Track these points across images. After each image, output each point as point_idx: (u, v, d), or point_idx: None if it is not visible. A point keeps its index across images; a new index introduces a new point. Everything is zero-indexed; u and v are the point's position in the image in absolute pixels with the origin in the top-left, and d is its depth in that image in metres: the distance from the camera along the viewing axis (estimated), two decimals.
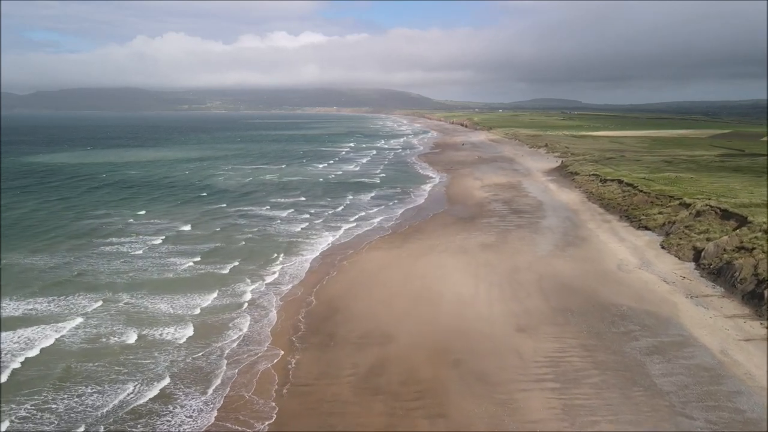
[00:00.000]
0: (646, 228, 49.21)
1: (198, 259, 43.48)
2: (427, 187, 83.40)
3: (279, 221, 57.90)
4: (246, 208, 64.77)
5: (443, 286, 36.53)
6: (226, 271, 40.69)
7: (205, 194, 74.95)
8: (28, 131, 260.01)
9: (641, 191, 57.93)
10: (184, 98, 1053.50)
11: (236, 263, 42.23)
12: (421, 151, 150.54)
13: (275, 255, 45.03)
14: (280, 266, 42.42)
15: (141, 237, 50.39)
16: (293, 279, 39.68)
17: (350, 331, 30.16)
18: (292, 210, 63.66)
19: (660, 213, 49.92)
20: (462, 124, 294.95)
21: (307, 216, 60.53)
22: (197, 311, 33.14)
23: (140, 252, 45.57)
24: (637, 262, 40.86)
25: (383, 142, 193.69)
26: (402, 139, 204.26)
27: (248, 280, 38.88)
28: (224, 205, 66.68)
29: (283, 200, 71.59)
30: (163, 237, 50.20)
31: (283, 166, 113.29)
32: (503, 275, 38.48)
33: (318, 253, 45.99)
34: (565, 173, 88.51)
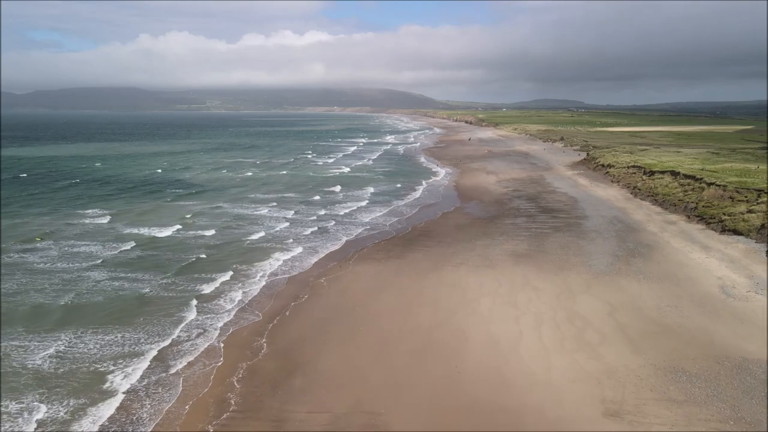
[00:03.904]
0: (734, 231, 36.38)
1: (164, 277, 31.11)
2: (434, 181, 70.66)
3: (276, 223, 45.05)
4: (244, 208, 51.77)
5: (466, 322, 23.81)
6: (193, 294, 28.54)
7: (202, 191, 62.21)
8: (20, 128, 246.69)
9: (712, 184, 45.06)
10: (185, 98, 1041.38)
11: (206, 288, 29.49)
12: (426, 145, 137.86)
13: (254, 271, 32.60)
14: (257, 284, 30.27)
15: (106, 243, 37.97)
16: (253, 306, 27.22)
17: (312, 410, 17.44)
18: (293, 212, 50.12)
19: (751, 212, 37.11)
20: (466, 121, 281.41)
21: (313, 218, 47.44)
22: (124, 373, 20.57)
23: (98, 262, 33.71)
24: (747, 282, 28.04)
25: (385, 137, 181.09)
26: (403, 135, 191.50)
27: (210, 307, 27.03)
28: (221, 204, 53.92)
29: (277, 196, 59.00)
30: (133, 244, 37.67)
31: (291, 160, 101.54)
32: (554, 303, 25.72)
33: (306, 267, 33.48)
34: (594, 166, 75.67)
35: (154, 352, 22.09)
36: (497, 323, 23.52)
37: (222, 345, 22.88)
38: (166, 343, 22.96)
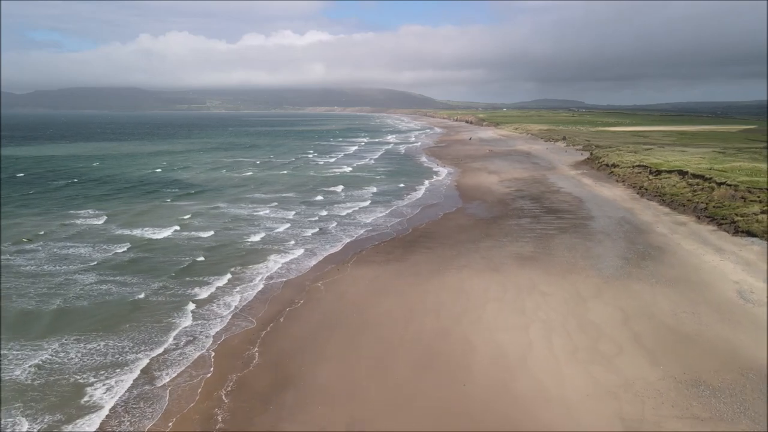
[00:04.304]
0: (748, 233, 35.04)
1: (158, 281, 29.70)
2: (435, 181, 69.32)
3: (275, 224, 43.55)
4: (243, 209, 50.20)
5: (471, 331, 22.47)
6: (186, 299, 27.15)
7: (201, 191, 60.71)
8: (19, 128, 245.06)
9: (722, 183, 43.70)
10: (185, 98, 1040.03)
11: (201, 292, 28.04)
12: (427, 145, 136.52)
13: (251, 274, 31.26)
14: (253, 289, 28.97)
15: (100, 245, 36.56)
16: (247, 312, 25.91)
17: (305, 428, 16.10)
18: (293, 213, 48.43)
19: (765, 212, 35.76)
20: (467, 121, 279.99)
21: (313, 219, 45.96)
22: (107, 386, 19.21)
23: (89, 265, 32.27)
24: (765, 287, 26.67)
25: (386, 137, 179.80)
26: (404, 135, 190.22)
27: (203, 313, 25.69)
28: (220, 204, 52.53)
29: (277, 196, 57.67)
30: (127, 246, 36.30)
31: (292, 159, 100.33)
32: (564, 310, 24.38)
33: (304, 270, 32.19)
34: (598, 166, 74.32)
35: (139, 363, 20.76)
36: (504, 332, 22.18)
37: (212, 354, 21.55)
38: (154, 352, 21.63)
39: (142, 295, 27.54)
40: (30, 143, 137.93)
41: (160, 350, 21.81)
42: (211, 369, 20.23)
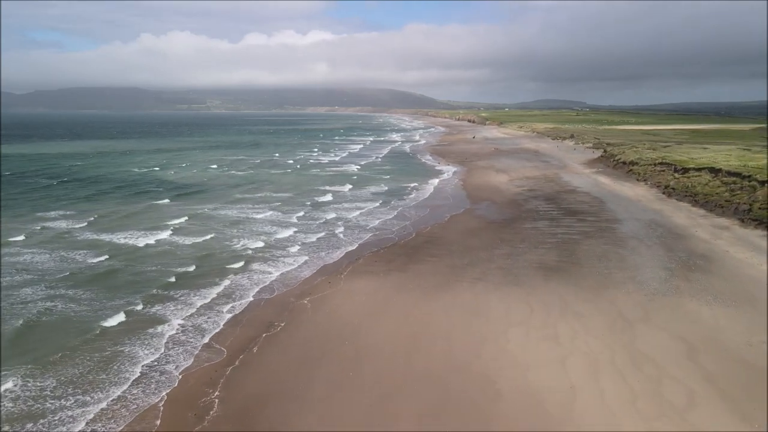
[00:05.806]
0: None
1: (130, 299, 24.76)
2: (441, 180, 64.46)
3: (274, 228, 38.83)
4: (243, 212, 45.21)
5: (494, 367, 17.57)
6: (156, 323, 22.36)
7: (199, 192, 55.96)
8: (17, 127, 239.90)
9: (766, 182, 38.75)
10: (185, 98, 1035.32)
11: (174, 314, 23.12)
12: (431, 144, 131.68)
13: (239, 289, 26.50)
14: (236, 308, 24.27)
15: (76, 254, 31.74)
16: (217, 339, 21.09)
17: None
18: (294, 215, 43.61)
19: None
20: (469, 120, 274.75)
21: (313, 222, 41.21)
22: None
23: (59, 277, 27.49)
24: None
25: (390, 135, 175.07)
26: (408, 134, 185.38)
27: (171, 341, 20.84)
28: (218, 205, 47.62)
29: (278, 196, 53.20)
30: (106, 255, 31.42)
31: (297, 158, 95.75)
32: (608, 338, 19.47)
33: (292, 283, 27.35)
34: (614, 164, 69.35)
35: (63, 414, 15.94)
36: (537, 369, 17.29)
37: (164, 401, 16.67)
38: (90, 398, 16.79)
39: (106, 319, 22.49)
40: (24, 142, 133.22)
41: (100, 396, 16.94)
42: (157, 423, 15.39)
